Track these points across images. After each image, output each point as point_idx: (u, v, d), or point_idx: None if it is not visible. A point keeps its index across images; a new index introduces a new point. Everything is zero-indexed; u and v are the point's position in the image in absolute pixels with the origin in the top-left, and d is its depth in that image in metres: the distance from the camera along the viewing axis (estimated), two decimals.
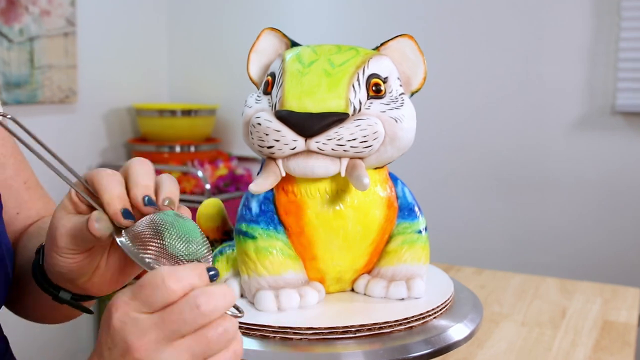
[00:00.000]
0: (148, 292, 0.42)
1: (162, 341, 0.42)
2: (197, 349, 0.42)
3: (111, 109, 2.51)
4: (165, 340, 0.42)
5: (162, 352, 0.42)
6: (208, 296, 0.42)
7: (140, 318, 0.42)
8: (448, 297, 0.58)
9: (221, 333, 0.42)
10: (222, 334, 0.42)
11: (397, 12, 2.31)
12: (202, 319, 0.42)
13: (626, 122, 2.04)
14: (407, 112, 0.55)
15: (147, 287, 0.42)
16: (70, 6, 2.23)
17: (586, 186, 2.11)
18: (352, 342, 0.51)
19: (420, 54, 0.58)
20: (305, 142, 0.52)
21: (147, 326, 0.42)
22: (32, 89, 2.13)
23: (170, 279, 0.42)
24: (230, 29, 2.60)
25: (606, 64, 2.04)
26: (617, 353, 0.92)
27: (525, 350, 0.92)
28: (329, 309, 0.56)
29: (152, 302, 0.42)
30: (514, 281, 1.25)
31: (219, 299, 0.42)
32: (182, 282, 0.42)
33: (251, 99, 0.58)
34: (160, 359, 0.42)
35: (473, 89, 2.23)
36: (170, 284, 0.42)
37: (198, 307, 0.41)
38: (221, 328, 0.42)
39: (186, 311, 0.41)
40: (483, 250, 2.25)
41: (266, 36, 0.61)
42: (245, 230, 0.56)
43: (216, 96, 2.66)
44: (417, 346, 0.51)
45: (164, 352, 0.42)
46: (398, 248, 0.58)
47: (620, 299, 1.16)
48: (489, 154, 2.23)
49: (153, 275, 0.42)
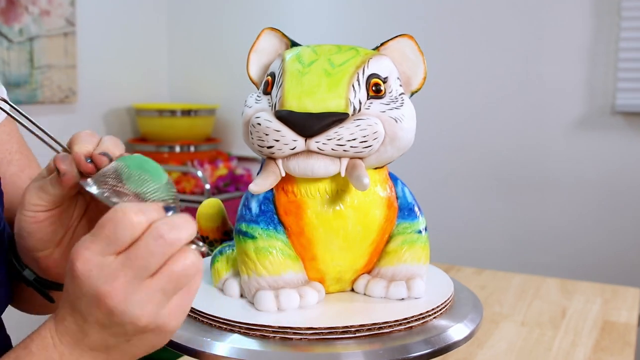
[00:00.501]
0: (110, 229, 0.41)
1: (132, 282, 0.41)
2: (167, 286, 0.42)
3: (111, 109, 2.51)
4: (135, 281, 0.41)
5: (135, 294, 0.41)
6: (170, 225, 0.41)
7: (105, 261, 0.41)
8: (448, 297, 0.58)
9: (189, 265, 0.42)
10: (189, 267, 0.42)
11: (397, 12, 2.31)
12: (168, 248, 0.41)
13: (626, 122, 2.04)
14: (407, 112, 0.55)
15: (108, 225, 0.41)
16: (70, 6, 2.23)
17: (586, 186, 2.11)
18: (352, 342, 0.51)
19: (420, 54, 0.58)
20: (305, 142, 0.52)
21: (114, 268, 0.41)
22: (31, 89, 2.13)
23: (130, 212, 0.41)
24: (230, 29, 2.60)
25: (606, 64, 2.04)
26: (617, 353, 0.92)
27: (525, 351, 0.92)
28: (328, 309, 0.56)
29: (116, 240, 0.41)
30: (514, 281, 1.25)
31: (181, 228, 0.42)
32: (143, 214, 0.41)
33: (251, 99, 0.58)
34: (133, 302, 0.41)
35: (473, 89, 2.23)
36: (132, 216, 0.41)
37: (162, 236, 0.41)
38: (188, 261, 0.42)
39: (151, 243, 0.41)
40: (483, 250, 2.25)
41: (266, 36, 0.61)
42: (245, 230, 0.56)
43: (216, 96, 2.66)
44: (417, 346, 0.51)
45: (136, 294, 0.41)
46: (398, 248, 0.58)
47: (620, 299, 1.16)
48: (489, 154, 2.23)
49: (113, 212, 0.41)
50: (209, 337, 0.52)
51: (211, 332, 0.53)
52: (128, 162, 0.47)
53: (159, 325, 0.43)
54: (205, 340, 0.52)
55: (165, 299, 0.42)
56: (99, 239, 0.41)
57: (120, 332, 0.43)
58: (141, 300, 0.41)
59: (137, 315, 0.42)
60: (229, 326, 0.53)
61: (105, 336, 0.43)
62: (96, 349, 0.44)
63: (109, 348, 0.44)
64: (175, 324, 0.44)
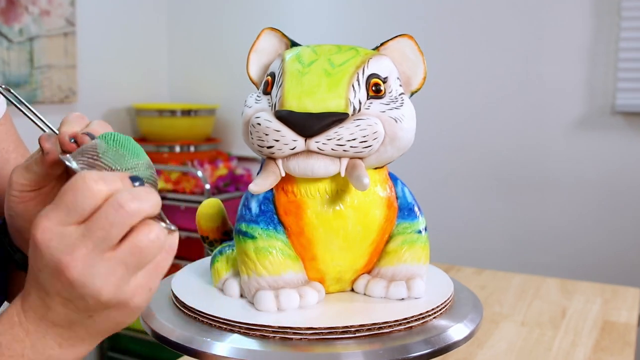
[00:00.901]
0: (70, 197, 0.40)
1: (93, 253, 0.40)
2: (130, 260, 0.40)
3: (111, 109, 2.51)
4: (96, 252, 0.40)
5: (95, 267, 0.40)
6: (131, 195, 0.40)
7: (66, 231, 0.40)
8: (448, 297, 0.58)
9: (153, 239, 0.41)
10: (153, 241, 0.41)
11: (397, 12, 2.31)
12: (128, 219, 0.40)
13: (626, 122, 2.04)
14: (407, 112, 0.55)
15: (68, 193, 0.40)
16: (70, 6, 2.23)
17: (586, 186, 2.11)
18: (352, 342, 0.51)
19: (420, 54, 0.58)
20: (305, 142, 0.52)
21: (74, 239, 0.40)
22: (31, 89, 2.13)
23: (91, 180, 0.40)
24: (230, 29, 2.60)
25: (606, 64, 2.04)
26: (617, 353, 0.92)
27: (525, 351, 0.92)
28: (328, 309, 0.56)
29: (76, 208, 0.40)
30: (514, 281, 1.25)
31: (143, 199, 0.40)
32: (104, 182, 0.40)
33: (251, 99, 0.58)
34: (94, 275, 0.40)
35: (473, 89, 2.23)
36: (92, 185, 0.40)
37: (122, 206, 0.40)
38: (152, 234, 0.41)
39: (111, 213, 0.39)
40: (483, 250, 2.25)
41: (266, 36, 0.61)
42: (245, 230, 0.56)
43: (216, 96, 2.66)
44: (417, 346, 0.51)
45: (96, 266, 0.40)
46: (398, 248, 0.58)
47: (620, 299, 1.16)
48: (489, 154, 2.23)
49: (74, 180, 0.40)
50: (209, 337, 0.52)
51: (211, 332, 0.53)
52: (108, 139, 0.47)
53: (122, 301, 0.42)
54: (205, 340, 0.52)
55: (127, 273, 0.41)
56: (59, 207, 0.40)
57: (82, 307, 0.42)
58: (102, 273, 0.40)
59: (97, 288, 0.40)
60: (229, 326, 0.53)
61: (67, 311, 0.43)
62: (60, 325, 0.43)
63: (73, 324, 0.43)
64: (140, 301, 0.43)
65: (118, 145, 0.47)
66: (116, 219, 0.39)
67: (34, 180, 0.52)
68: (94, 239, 0.40)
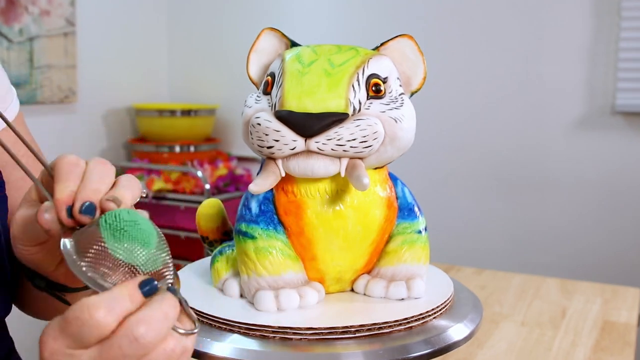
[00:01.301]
0: (75, 328, 0.37)
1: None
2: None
3: (111, 109, 2.51)
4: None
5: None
6: (147, 325, 0.37)
7: (75, 354, 0.38)
8: (448, 297, 0.58)
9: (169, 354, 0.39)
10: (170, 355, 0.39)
11: (397, 12, 2.31)
12: (143, 350, 0.37)
13: (626, 122, 2.04)
14: (407, 112, 0.55)
15: (74, 323, 0.37)
16: (70, 6, 2.23)
17: (586, 186, 2.11)
18: (352, 342, 0.51)
19: (420, 54, 0.58)
20: (305, 142, 0.52)
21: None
22: (31, 89, 2.13)
23: (97, 312, 0.37)
24: (230, 29, 2.60)
25: (606, 64, 2.04)
26: (617, 353, 0.92)
27: (525, 351, 0.92)
28: (328, 309, 0.56)
29: (82, 339, 0.38)
30: (514, 281, 1.25)
31: (158, 325, 0.38)
32: (112, 312, 0.37)
33: (251, 99, 0.58)
34: None
35: (473, 89, 2.23)
36: (100, 317, 0.37)
37: (137, 339, 0.37)
38: (168, 348, 0.39)
39: (125, 345, 0.37)
40: (483, 250, 2.25)
41: (266, 36, 0.61)
42: (245, 231, 0.56)
43: (216, 96, 2.66)
44: (417, 346, 0.51)
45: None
46: (398, 248, 0.58)
47: (620, 299, 1.16)
48: (489, 154, 2.23)
49: (79, 309, 0.37)
50: (209, 337, 0.52)
51: (211, 332, 0.53)
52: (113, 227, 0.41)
53: None
54: (205, 340, 0.51)
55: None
56: (65, 334, 0.38)
57: None
58: None
59: None
60: (229, 326, 0.53)
61: None
62: None
63: None
64: None
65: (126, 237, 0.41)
66: (130, 351, 0.37)
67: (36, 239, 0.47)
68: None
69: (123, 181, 0.45)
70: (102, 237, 0.41)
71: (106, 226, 0.41)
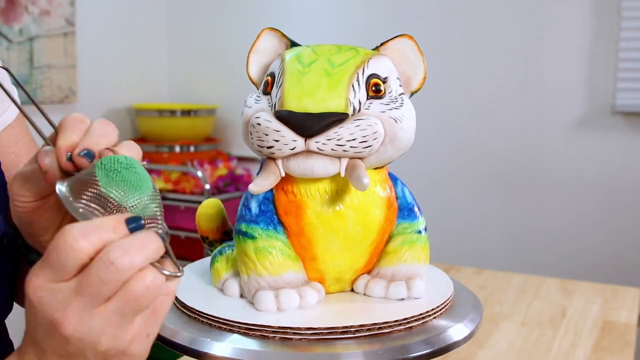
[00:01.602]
0: (55, 257, 0.38)
1: (86, 309, 0.38)
2: (125, 309, 0.39)
3: (111, 109, 2.51)
4: (89, 307, 0.38)
5: (90, 321, 0.39)
6: (123, 250, 0.38)
7: (57, 288, 0.39)
8: (448, 297, 0.58)
9: (148, 286, 0.39)
10: (148, 287, 0.39)
11: (397, 12, 2.31)
12: (119, 275, 0.38)
13: (626, 122, 2.04)
14: (406, 112, 0.55)
15: (53, 252, 0.38)
16: (70, 6, 2.23)
17: (586, 186, 2.11)
18: (352, 342, 0.51)
19: (420, 54, 0.58)
20: (305, 142, 0.52)
21: (66, 295, 0.39)
22: (31, 89, 2.13)
23: (76, 238, 0.38)
24: (230, 29, 2.60)
25: (606, 64, 2.04)
26: (617, 353, 0.92)
27: (525, 351, 0.92)
28: (328, 309, 0.56)
29: (62, 267, 0.38)
30: (514, 281, 1.25)
31: (135, 252, 0.38)
32: (89, 238, 0.38)
33: (251, 99, 0.57)
34: (90, 328, 0.39)
35: (473, 89, 2.23)
36: (77, 243, 0.38)
37: (112, 263, 0.38)
38: (147, 280, 0.39)
39: (101, 270, 0.38)
40: (483, 250, 2.25)
41: (266, 36, 0.61)
42: (245, 231, 0.56)
43: (216, 96, 2.66)
44: (417, 346, 0.51)
45: (91, 320, 0.39)
46: (398, 248, 0.58)
47: (620, 299, 1.16)
48: (489, 154, 2.23)
49: (59, 236, 0.38)
50: (209, 337, 0.52)
51: (211, 332, 0.53)
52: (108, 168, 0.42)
53: (122, 350, 0.40)
54: (205, 340, 0.51)
55: (124, 322, 0.39)
56: (47, 265, 0.39)
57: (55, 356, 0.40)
58: (97, 325, 0.39)
59: (94, 340, 0.39)
60: (228, 326, 0.53)
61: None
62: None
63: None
64: (140, 348, 0.41)
65: (119, 178, 0.42)
66: (107, 275, 0.38)
67: (36, 192, 0.48)
68: (86, 296, 0.38)
69: (125, 144, 0.47)
70: (97, 177, 0.42)
71: (101, 167, 0.42)
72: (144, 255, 0.39)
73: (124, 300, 0.39)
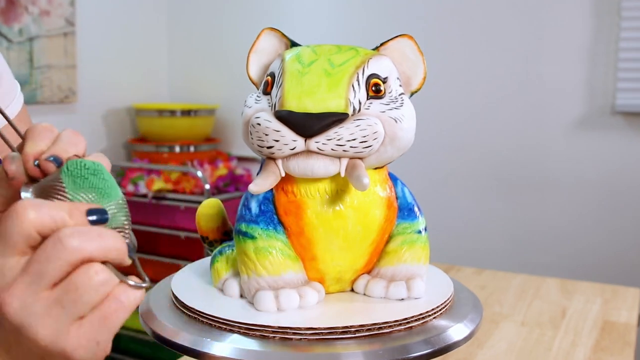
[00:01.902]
0: (2, 227, 0.37)
1: (29, 290, 0.37)
2: (65, 299, 0.37)
3: (111, 109, 2.51)
4: (33, 289, 0.37)
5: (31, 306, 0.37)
6: (76, 232, 0.37)
7: (6, 264, 0.38)
8: (448, 298, 0.58)
9: (93, 280, 0.37)
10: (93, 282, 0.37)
11: (397, 12, 2.31)
12: (65, 254, 0.36)
13: (626, 122, 2.04)
14: (407, 112, 0.55)
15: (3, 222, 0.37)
16: (70, 6, 2.23)
17: (586, 186, 2.11)
18: (352, 342, 0.51)
19: (420, 54, 0.58)
20: (305, 142, 0.52)
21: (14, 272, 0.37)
22: (31, 89, 2.13)
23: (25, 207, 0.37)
24: (230, 29, 2.60)
25: (606, 64, 2.04)
26: (617, 353, 0.92)
27: (525, 351, 0.92)
28: (328, 309, 0.56)
29: (9, 238, 0.37)
30: (514, 281, 1.25)
31: (87, 239, 0.37)
32: (39, 211, 0.37)
33: (251, 99, 0.58)
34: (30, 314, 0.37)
35: (473, 89, 2.23)
36: (25, 213, 0.37)
37: (61, 240, 0.36)
38: (93, 274, 0.37)
39: (49, 247, 0.37)
40: (483, 250, 2.25)
41: (266, 36, 0.61)
42: (245, 231, 0.56)
43: (216, 96, 2.66)
44: (417, 346, 0.51)
45: (33, 305, 0.37)
46: (398, 248, 0.58)
47: (620, 299, 1.16)
48: (489, 154, 2.23)
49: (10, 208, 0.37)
50: (209, 337, 0.52)
51: (211, 332, 0.53)
52: (75, 174, 0.41)
53: (64, 350, 0.38)
54: (205, 340, 0.51)
55: (65, 316, 0.37)
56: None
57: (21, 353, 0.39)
58: (38, 312, 0.37)
59: (34, 329, 0.37)
60: (228, 326, 0.53)
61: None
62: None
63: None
64: (84, 354, 0.38)
65: (87, 184, 0.41)
66: (52, 253, 0.37)
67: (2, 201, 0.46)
68: (31, 274, 0.37)
69: (94, 155, 0.46)
70: (63, 183, 0.41)
71: (68, 172, 0.41)
72: (97, 244, 0.37)
73: (66, 289, 0.37)
